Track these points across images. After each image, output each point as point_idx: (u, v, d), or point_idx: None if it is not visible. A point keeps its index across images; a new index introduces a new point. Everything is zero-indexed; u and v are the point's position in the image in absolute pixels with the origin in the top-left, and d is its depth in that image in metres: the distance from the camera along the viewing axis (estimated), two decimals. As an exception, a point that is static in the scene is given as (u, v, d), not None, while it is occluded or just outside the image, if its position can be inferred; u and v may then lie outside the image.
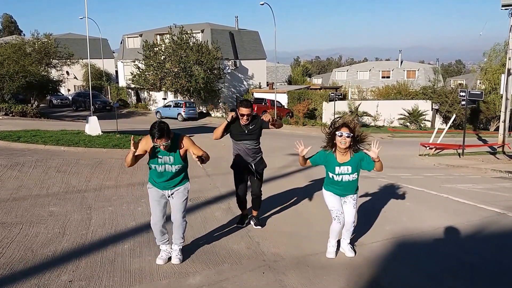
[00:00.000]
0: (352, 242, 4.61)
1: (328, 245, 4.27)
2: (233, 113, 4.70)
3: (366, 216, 5.69)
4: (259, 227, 5.12)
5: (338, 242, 4.33)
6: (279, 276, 3.76)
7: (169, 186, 3.91)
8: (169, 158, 3.79)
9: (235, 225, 5.13)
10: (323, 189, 4.22)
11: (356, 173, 4.03)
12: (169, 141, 3.66)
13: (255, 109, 30.67)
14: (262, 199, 5.14)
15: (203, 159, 3.80)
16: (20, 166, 7.48)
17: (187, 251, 4.27)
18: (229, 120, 4.69)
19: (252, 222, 5.20)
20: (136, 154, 3.69)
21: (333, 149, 4.00)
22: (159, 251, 4.22)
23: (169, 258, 4.01)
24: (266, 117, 4.68)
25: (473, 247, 4.71)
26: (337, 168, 3.98)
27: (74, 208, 5.55)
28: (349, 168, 3.97)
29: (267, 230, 5.04)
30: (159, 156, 3.77)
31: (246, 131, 4.75)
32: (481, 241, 4.94)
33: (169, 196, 3.95)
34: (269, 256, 4.24)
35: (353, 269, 3.96)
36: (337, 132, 3.88)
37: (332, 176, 4.02)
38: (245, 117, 4.67)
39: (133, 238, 4.59)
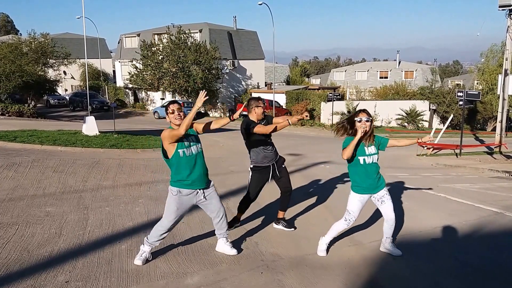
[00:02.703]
0: (351, 240, 4.60)
1: (321, 242, 4.26)
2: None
3: (365, 216, 5.68)
4: (293, 229, 5.03)
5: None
6: (278, 276, 3.75)
7: (206, 179, 3.89)
8: (192, 138, 3.83)
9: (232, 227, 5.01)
10: (351, 192, 4.13)
11: (377, 156, 4.09)
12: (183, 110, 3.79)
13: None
14: (258, 196, 5.03)
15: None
16: (16, 166, 7.44)
17: (185, 251, 4.25)
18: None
19: (281, 226, 5.03)
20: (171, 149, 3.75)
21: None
22: (156, 252, 4.20)
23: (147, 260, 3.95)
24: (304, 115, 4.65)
25: (471, 246, 4.71)
26: (366, 149, 4.01)
27: (71, 208, 5.52)
28: (373, 148, 4.05)
29: (265, 230, 5.03)
30: (185, 140, 3.74)
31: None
32: (478, 241, 4.94)
33: (200, 200, 3.88)
34: (268, 256, 4.23)
35: (351, 269, 3.95)
36: (356, 118, 3.94)
37: (364, 160, 3.99)
38: (261, 110, 4.62)
39: (130, 238, 4.57)
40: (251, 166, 4.73)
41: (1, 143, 9.91)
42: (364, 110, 4.05)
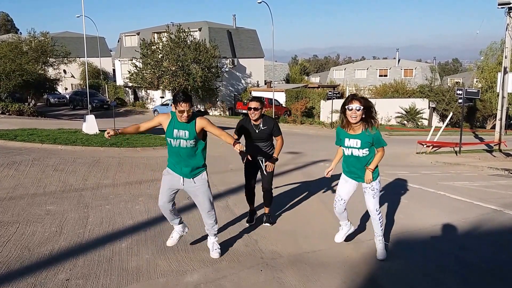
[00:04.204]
0: (350, 238, 4.62)
1: (339, 228, 4.38)
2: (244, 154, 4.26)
3: (364, 214, 5.70)
4: (268, 224, 5.11)
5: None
6: (277, 274, 3.77)
7: (187, 172, 3.86)
8: (184, 133, 3.77)
9: (247, 224, 5.09)
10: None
11: (366, 150, 3.81)
12: (192, 111, 3.73)
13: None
14: (257, 195, 5.13)
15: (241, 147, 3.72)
16: (17, 165, 7.46)
17: (185, 249, 4.27)
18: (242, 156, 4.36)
19: (266, 222, 5.16)
20: (147, 126, 3.88)
21: (348, 126, 3.83)
22: (156, 250, 4.23)
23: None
24: (269, 167, 4.80)
25: (470, 244, 4.73)
26: (346, 140, 3.83)
27: (71, 206, 5.53)
28: (358, 142, 3.77)
29: (265, 228, 5.04)
30: (175, 128, 3.76)
31: (257, 131, 4.76)
32: (477, 238, 4.96)
33: (187, 187, 3.91)
34: (267, 253, 4.25)
35: (350, 267, 3.97)
36: (347, 107, 3.70)
37: (343, 150, 3.94)
38: (252, 111, 4.65)
39: (130, 236, 4.58)
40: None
41: (1, 142, 9.92)
42: (356, 97, 3.72)
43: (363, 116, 3.72)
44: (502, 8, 14.63)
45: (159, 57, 31.03)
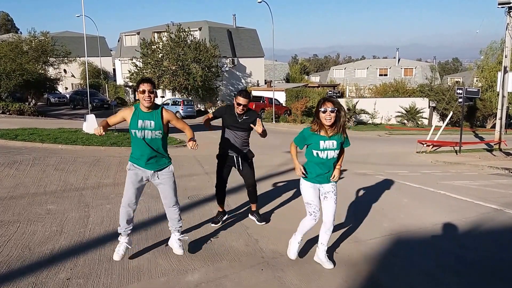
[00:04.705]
0: (350, 238, 4.62)
1: (293, 240, 3.94)
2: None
3: (364, 213, 5.71)
4: (264, 223, 5.11)
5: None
6: (278, 273, 3.77)
7: (154, 164, 3.81)
8: (150, 123, 3.72)
9: (212, 225, 4.98)
10: (301, 179, 3.88)
11: (338, 151, 3.73)
12: (154, 92, 3.72)
13: (253, 106, 30.75)
14: (258, 194, 5.14)
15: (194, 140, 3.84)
16: (17, 165, 7.46)
17: (186, 249, 4.28)
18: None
19: (254, 218, 5.18)
20: (114, 121, 3.80)
21: (320, 130, 3.67)
22: (157, 249, 4.22)
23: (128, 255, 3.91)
24: (259, 126, 4.67)
25: (470, 243, 4.73)
26: (321, 143, 3.67)
27: (71, 206, 5.54)
28: (334, 143, 3.68)
29: (265, 227, 5.05)
30: (139, 119, 3.71)
31: (240, 120, 4.76)
32: (478, 237, 4.96)
33: (149, 180, 3.85)
34: (268, 253, 4.25)
35: (351, 266, 3.97)
36: (320, 109, 3.59)
37: (317, 154, 3.70)
38: (241, 107, 4.67)
39: (131, 235, 4.58)
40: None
41: (2, 141, 9.93)
42: (329, 99, 3.64)
43: (336, 118, 3.62)
44: (502, 7, 14.64)
45: (159, 56, 31.04)
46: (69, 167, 7.72)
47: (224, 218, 5.14)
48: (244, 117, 4.77)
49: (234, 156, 4.87)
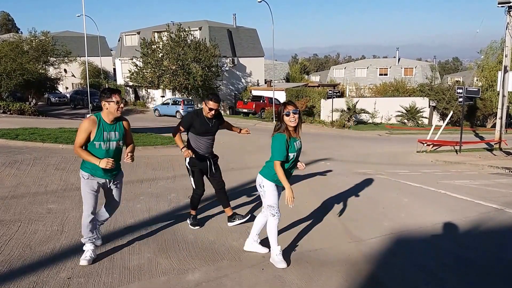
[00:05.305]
0: (350, 237, 4.62)
1: (277, 251, 3.94)
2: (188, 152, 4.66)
3: (365, 212, 5.72)
4: (248, 217, 5.04)
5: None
6: (278, 272, 3.78)
7: (113, 173, 3.87)
8: (115, 134, 3.79)
9: (197, 227, 4.94)
10: (266, 181, 3.92)
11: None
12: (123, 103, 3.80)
13: (253, 106, 30.77)
14: (256, 194, 5.11)
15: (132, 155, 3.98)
16: (18, 164, 7.47)
17: (186, 248, 4.29)
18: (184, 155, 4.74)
19: (237, 222, 4.99)
20: (83, 141, 3.69)
21: (287, 132, 3.77)
22: (158, 248, 4.23)
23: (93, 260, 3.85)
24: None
25: (470, 242, 4.74)
26: (295, 144, 3.82)
27: (72, 205, 5.55)
28: (300, 143, 3.90)
29: (265, 227, 5.04)
30: (104, 131, 3.72)
31: (211, 125, 4.76)
32: (478, 237, 4.97)
33: (107, 186, 3.89)
34: (268, 252, 4.25)
35: (352, 265, 3.98)
36: (284, 113, 3.71)
37: (293, 156, 3.83)
38: (212, 112, 4.65)
39: (131, 235, 4.60)
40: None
41: (3, 141, 9.94)
42: (289, 103, 3.78)
43: (298, 119, 3.77)
44: (502, 7, 14.64)
45: (160, 56, 31.04)
46: (70, 167, 7.73)
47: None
48: (214, 121, 4.76)
49: (207, 161, 4.85)
